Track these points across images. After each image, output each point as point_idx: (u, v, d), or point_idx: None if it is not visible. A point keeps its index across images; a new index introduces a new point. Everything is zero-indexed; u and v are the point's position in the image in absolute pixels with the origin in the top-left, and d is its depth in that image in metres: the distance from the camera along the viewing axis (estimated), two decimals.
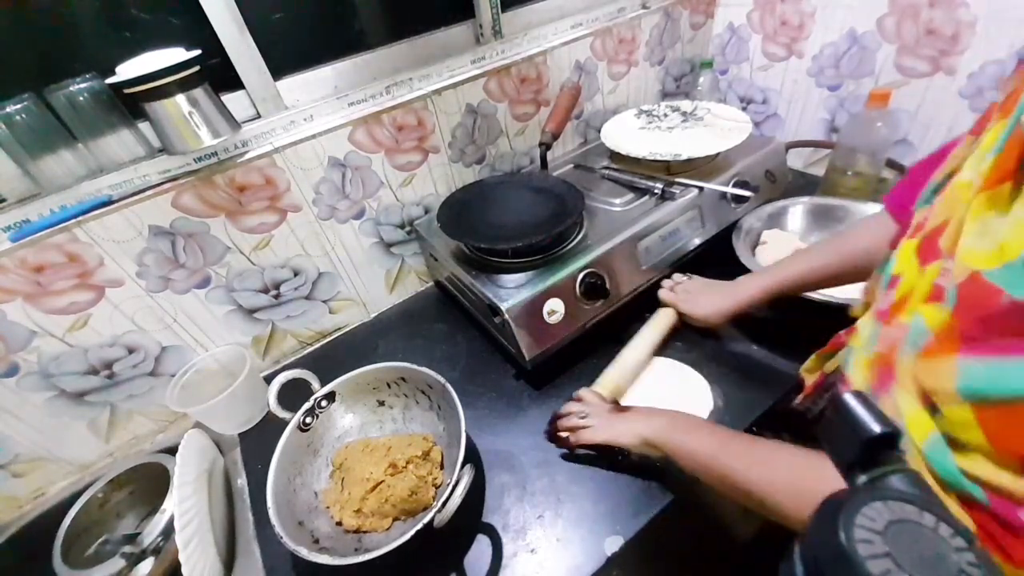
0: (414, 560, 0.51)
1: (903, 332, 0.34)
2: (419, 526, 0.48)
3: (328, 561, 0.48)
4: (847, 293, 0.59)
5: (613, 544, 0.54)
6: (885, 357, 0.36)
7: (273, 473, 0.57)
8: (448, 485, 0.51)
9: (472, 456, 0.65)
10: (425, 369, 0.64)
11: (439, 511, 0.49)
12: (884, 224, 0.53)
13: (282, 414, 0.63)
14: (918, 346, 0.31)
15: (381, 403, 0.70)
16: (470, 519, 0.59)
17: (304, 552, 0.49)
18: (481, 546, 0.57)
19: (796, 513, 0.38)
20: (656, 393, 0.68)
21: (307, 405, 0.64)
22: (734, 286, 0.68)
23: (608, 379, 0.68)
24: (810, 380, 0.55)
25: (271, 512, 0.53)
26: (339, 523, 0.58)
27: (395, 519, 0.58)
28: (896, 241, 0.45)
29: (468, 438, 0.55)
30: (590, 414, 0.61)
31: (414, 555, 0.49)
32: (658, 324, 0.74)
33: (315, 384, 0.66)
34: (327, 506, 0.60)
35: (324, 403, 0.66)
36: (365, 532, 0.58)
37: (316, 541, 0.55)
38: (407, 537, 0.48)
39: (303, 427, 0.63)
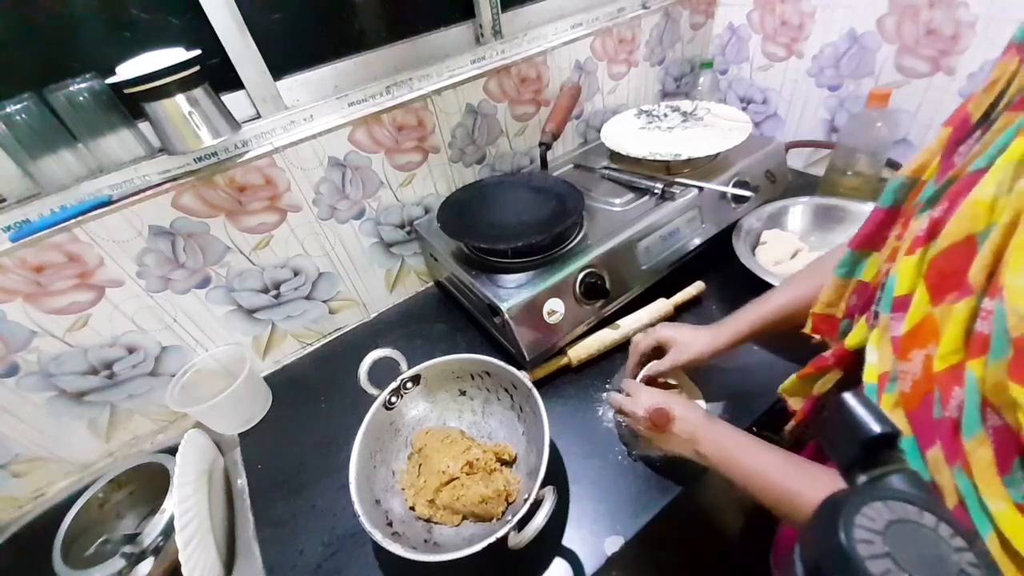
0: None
1: (946, 391, 0.28)
2: (492, 539, 0.47)
3: (399, 551, 0.47)
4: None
5: (613, 544, 0.54)
6: (914, 402, 0.31)
7: (357, 448, 0.57)
8: (524, 503, 0.49)
9: (556, 473, 0.62)
10: (512, 368, 0.62)
11: (516, 530, 0.47)
12: None
13: (371, 390, 0.63)
14: (982, 426, 0.27)
15: (463, 392, 0.70)
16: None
17: (378, 536, 0.49)
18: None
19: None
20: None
21: (393, 385, 0.65)
22: (729, 320, 0.61)
23: (580, 347, 0.74)
24: (796, 404, 0.51)
25: (352, 488, 0.53)
26: (412, 508, 0.58)
27: (464, 517, 0.58)
28: (863, 242, 0.42)
29: (552, 447, 0.53)
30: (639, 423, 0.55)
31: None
32: (649, 311, 0.77)
33: (403, 365, 0.65)
34: (403, 487, 0.60)
35: (409, 385, 0.66)
36: (436, 523, 0.58)
37: (389, 524, 0.54)
38: (476, 549, 0.47)
39: (388, 406, 0.64)
